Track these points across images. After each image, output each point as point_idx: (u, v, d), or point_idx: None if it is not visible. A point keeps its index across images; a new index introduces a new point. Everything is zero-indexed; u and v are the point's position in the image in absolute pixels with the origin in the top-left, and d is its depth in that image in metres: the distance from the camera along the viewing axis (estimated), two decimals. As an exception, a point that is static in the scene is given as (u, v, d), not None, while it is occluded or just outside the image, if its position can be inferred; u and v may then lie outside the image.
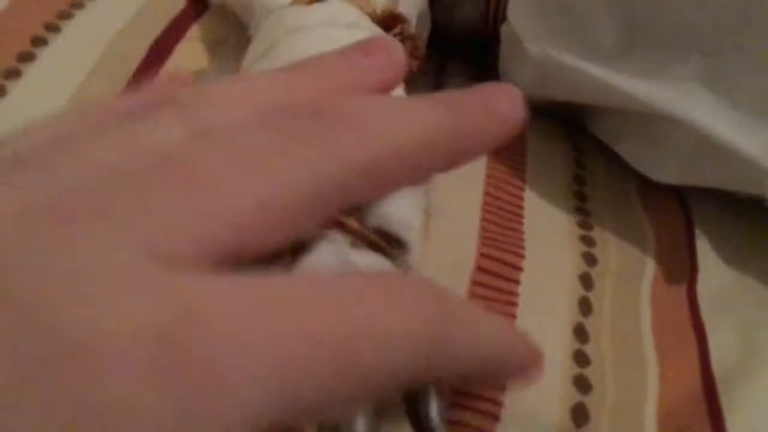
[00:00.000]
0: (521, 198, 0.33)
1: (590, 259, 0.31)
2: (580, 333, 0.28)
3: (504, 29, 0.37)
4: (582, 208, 0.34)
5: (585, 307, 0.29)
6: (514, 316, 0.27)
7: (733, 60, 0.30)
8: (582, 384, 0.26)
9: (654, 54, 0.31)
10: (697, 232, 0.34)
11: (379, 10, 0.31)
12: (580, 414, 0.26)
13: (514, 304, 0.28)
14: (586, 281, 0.30)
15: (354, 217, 0.17)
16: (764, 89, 0.29)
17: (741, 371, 0.28)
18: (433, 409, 0.17)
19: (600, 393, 0.26)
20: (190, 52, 0.34)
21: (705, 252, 0.33)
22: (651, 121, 0.32)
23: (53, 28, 0.33)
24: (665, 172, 0.33)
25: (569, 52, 0.33)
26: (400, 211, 0.16)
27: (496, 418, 0.25)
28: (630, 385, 0.27)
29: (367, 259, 0.18)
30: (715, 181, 0.32)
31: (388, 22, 0.31)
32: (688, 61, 0.30)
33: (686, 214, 0.35)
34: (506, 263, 0.29)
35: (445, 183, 0.32)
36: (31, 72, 0.31)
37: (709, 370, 0.28)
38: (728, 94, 0.30)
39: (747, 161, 0.29)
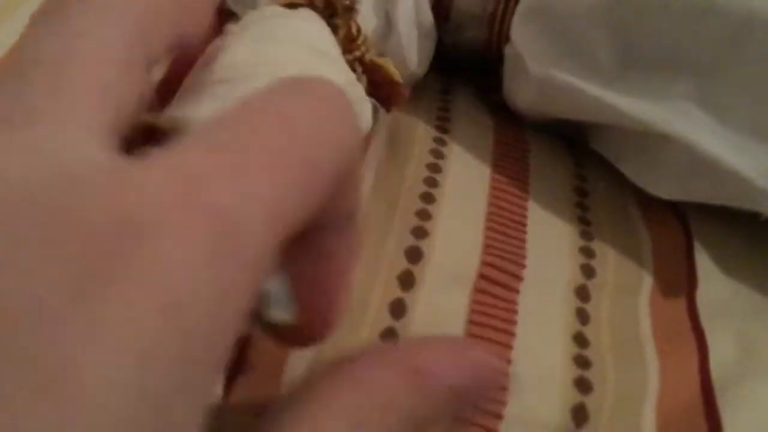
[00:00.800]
0: (524, 208, 0.35)
1: (588, 271, 0.33)
2: (580, 340, 0.29)
3: (508, 49, 0.38)
4: (584, 218, 0.36)
5: (583, 317, 0.30)
6: (514, 323, 0.29)
7: (726, 81, 0.31)
8: (583, 385, 0.28)
9: (650, 74, 0.33)
10: (696, 245, 0.35)
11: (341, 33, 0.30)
12: (580, 414, 0.27)
13: (514, 312, 0.29)
14: (584, 293, 0.31)
15: None
16: (756, 109, 0.31)
17: (739, 377, 0.29)
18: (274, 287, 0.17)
19: (600, 394, 0.27)
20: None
21: (704, 264, 0.34)
22: (649, 139, 0.34)
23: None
24: (664, 188, 0.34)
25: (569, 72, 0.34)
26: None
27: (499, 416, 0.26)
28: (630, 387, 0.28)
29: None
30: (712, 197, 0.33)
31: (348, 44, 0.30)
32: (682, 81, 0.32)
33: (685, 226, 0.36)
34: (507, 272, 0.30)
35: (449, 194, 0.34)
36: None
37: (707, 376, 0.29)
38: (722, 114, 0.31)
39: (741, 179, 0.31)
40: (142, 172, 0.12)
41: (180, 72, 0.21)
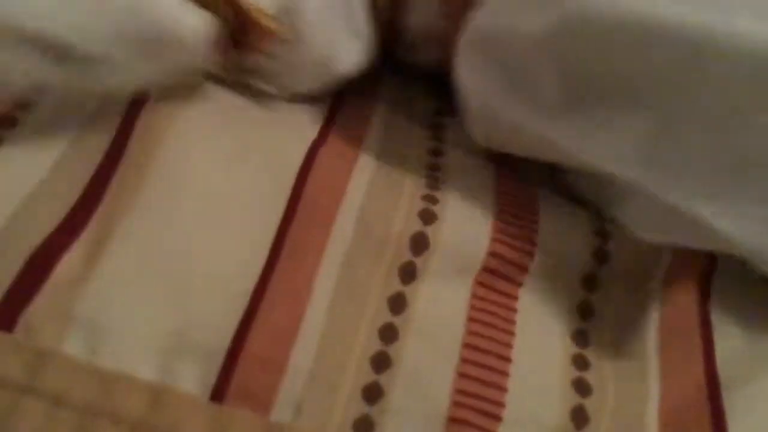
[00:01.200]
0: (535, 197, 0.33)
1: (601, 256, 0.31)
2: (580, 338, 0.29)
3: (455, 79, 0.35)
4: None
5: (586, 311, 0.29)
6: (513, 322, 0.28)
7: (678, 118, 0.27)
8: (582, 387, 0.27)
9: (599, 110, 0.29)
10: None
11: None
12: (580, 416, 0.26)
13: (514, 310, 0.28)
14: (591, 283, 0.30)
15: None
16: (717, 148, 0.27)
17: (745, 376, 0.29)
18: None
19: (600, 395, 0.27)
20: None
21: (718, 266, 0.32)
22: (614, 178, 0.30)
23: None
24: (645, 229, 0.31)
25: (511, 106, 0.32)
26: None
27: (498, 418, 0.25)
28: (631, 388, 0.28)
29: None
30: (689, 241, 0.31)
31: None
32: (635, 117, 0.28)
33: None
34: (514, 264, 0.29)
35: (456, 186, 0.32)
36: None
37: (713, 374, 0.29)
38: (674, 155, 0.28)
39: (704, 225, 0.28)
40: None
41: None
